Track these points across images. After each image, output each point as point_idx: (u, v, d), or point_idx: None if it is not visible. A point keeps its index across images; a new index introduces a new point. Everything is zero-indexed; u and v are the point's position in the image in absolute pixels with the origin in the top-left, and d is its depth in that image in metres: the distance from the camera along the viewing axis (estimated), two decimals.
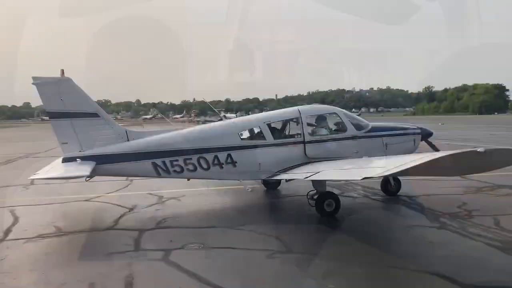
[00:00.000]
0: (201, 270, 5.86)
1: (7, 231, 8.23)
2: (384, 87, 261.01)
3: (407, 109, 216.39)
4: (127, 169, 9.30)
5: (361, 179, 7.18)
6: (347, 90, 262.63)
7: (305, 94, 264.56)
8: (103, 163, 8.99)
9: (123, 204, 10.44)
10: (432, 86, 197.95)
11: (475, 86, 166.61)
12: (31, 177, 8.63)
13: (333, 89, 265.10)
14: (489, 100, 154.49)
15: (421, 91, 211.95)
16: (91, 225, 8.61)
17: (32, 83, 9.17)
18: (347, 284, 5.31)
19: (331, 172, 8.23)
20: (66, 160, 9.04)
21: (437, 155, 5.94)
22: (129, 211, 9.82)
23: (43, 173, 8.68)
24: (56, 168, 8.78)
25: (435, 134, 12.00)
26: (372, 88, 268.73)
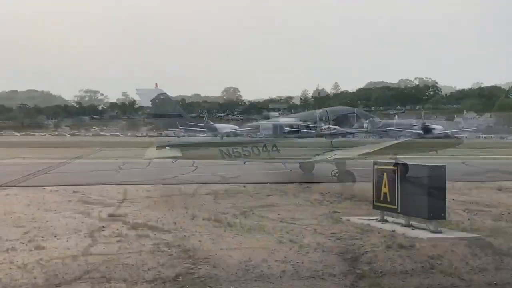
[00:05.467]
0: None
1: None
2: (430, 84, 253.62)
3: (454, 106, 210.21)
4: (202, 153, 13.15)
5: (357, 155, 10.65)
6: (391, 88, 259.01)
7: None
8: (185, 149, 12.86)
9: (196, 181, 14.27)
10: (481, 83, 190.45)
11: None
12: (145, 157, 12.76)
13: (377, 86, 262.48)
14: None
15: (471, 87, 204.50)
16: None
17: (136, 93, 13.27)
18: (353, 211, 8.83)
19: (341, 153, 11.71)
20: (159, 147, 13.01)
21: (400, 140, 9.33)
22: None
23: (149, 154, 12.80)
24: (155, 152, 12.78)
25: None
26: (418, 85, 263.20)
